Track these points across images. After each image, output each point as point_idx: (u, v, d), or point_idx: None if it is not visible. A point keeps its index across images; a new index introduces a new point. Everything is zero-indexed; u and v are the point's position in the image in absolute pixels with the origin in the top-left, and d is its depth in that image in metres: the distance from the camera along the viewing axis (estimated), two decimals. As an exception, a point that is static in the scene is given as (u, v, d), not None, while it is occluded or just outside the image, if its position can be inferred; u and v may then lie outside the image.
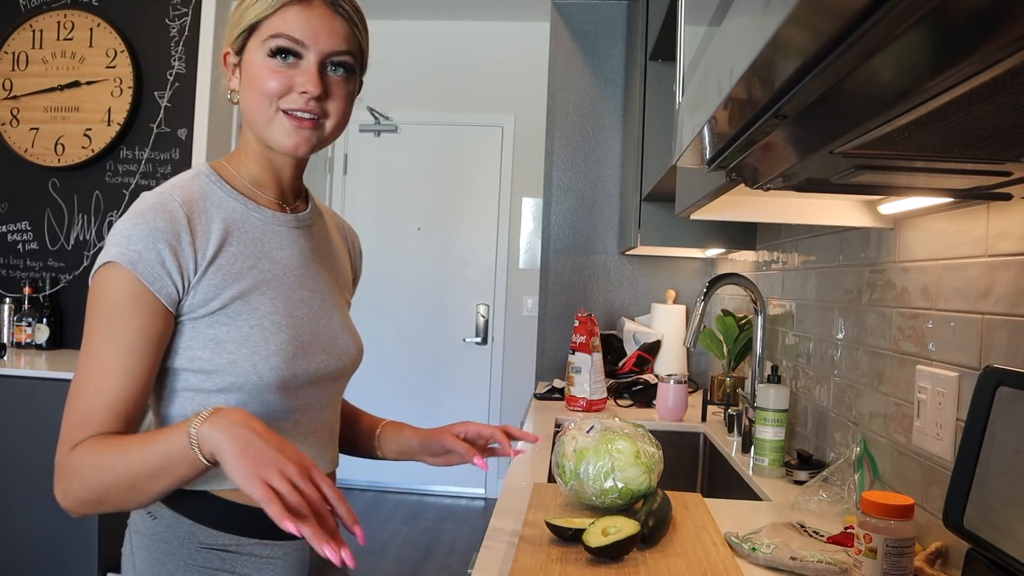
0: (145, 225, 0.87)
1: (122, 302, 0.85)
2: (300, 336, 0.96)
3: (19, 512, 2.52)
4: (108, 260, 0.86)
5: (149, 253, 0.86)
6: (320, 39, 0.90)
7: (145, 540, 0.94)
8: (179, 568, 0.92)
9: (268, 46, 0.90)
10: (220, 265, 0.91)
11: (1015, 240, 0.97)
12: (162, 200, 0.90)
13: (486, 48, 4.49)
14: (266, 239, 0.97)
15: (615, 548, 1.02)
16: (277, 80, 0.90)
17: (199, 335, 0.90)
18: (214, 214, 0.93)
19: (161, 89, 3.08)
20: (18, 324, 3.04)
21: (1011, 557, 0.81)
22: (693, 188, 1.43)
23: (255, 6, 0.91)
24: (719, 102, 0.69)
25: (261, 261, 0.96)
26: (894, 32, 0.42)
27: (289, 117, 0.91)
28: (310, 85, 0.90)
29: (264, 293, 0.94)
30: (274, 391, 0.93)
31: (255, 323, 0.92)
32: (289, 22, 0.89)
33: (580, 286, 3.01)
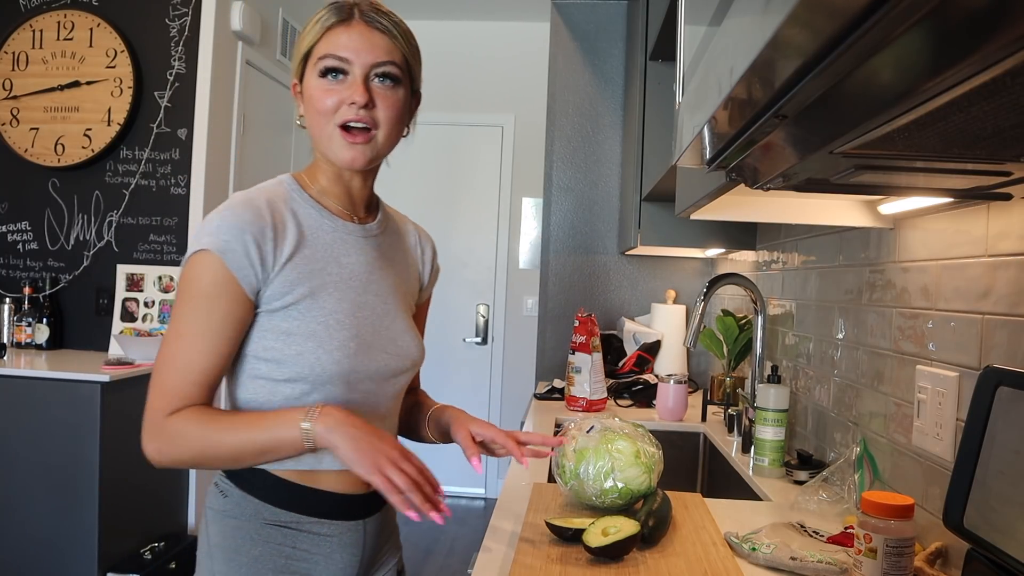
0: (235, 218, 0.96)
1: (211, 287, 0.95)
2: (362, 335, 1.04)
3: (19, 512, 2.52)
4: (200, 248, 0.95)
5: (237, 243, 0.95)
6: (362, 53, 1.00)
7: (218, 516, 1.04)
8: (246, 541, 1.02)
9: (318, 68, 1.00)
10: (295, 263, 1.00)
11: (1015, 240, 0.97)
12: (249, 197, 1.00)
13: (486, 48, 4.49)
14: (335, 245, 1.06)
15: (615, 548, 1.02)
16: (329, 97, 1.00)
17: (273, 327, 1.00)
18: (293, 217, 1.03)
19: (161, 89, 3.08)
20: (18, 324, 3.04)
21: (1011, 557, 0.81)
22: (693, 188, 1.43)
23: (307, 36, 1.02)
24: (719, 102, 0.69)
25: (330, 265, 1.04)
26: (894, 32, 0.42)
27: (344, 132, 1.01)
28: (357, 95, 0.99)
29: (331, 294, 1.03)
30: (336, 383, 1.01)
31: (321, 320, 1.01)
32: (333, 43, 1.00)
33: (580, 286, 3.01)
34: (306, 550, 1.03)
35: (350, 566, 1.07)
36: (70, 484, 2.50)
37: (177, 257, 3.08)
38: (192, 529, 3.09)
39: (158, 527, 2.87)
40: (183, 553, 2.87)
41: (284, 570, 1.02)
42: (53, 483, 2.50)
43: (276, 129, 3.80)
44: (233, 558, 1.01)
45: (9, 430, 2.53)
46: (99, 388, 2.48)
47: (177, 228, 3.09)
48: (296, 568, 1.03)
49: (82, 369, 2.56)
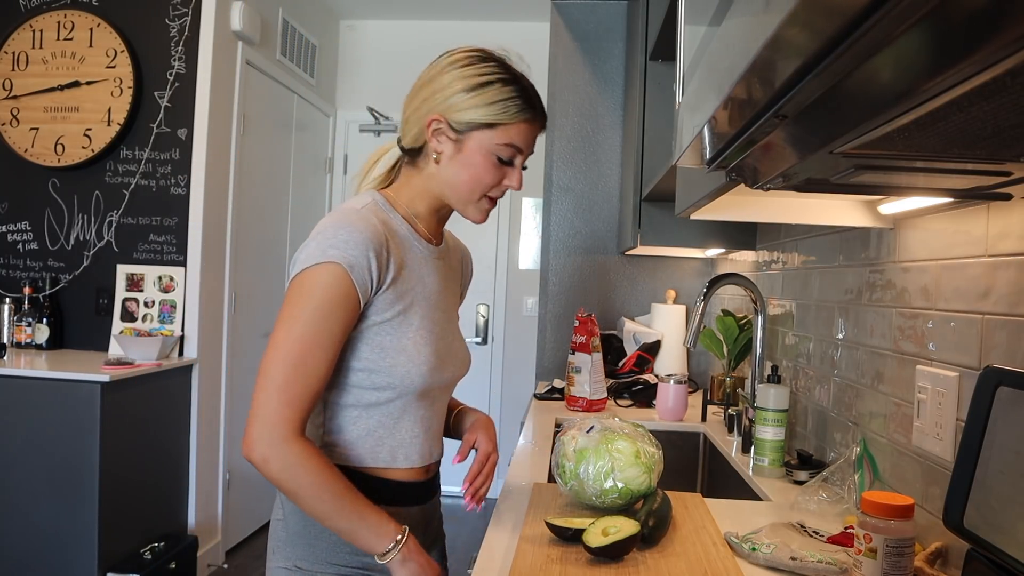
0: (360, 234, 1.01)
1: (338, 298, 1.00)
2: (439, 350, 1.13)
3: (20, 512, 2.52)
4: (330, 260, 0.99)
5: (362, 259, 1.01)
6: (531, 146, 1.11)
7: (297, 508, 1.08)
8: (324, 528, 1.07)
9: (499, 151, 1.08)
10: (398, 283, 1.07)
11: (1015, 240, 0.97)
12: (364, 216, 1.04)
13: (486, 48, 4.48)
14: (421, 266, 1.14)
15: (615, 548, 1.02)
16: (494, 177, 1.09)
17: (369, 339, 1.06)
18: (396, 239, 1.09)
19: (161, 89, 3.08)
20: (18, 324, 3.04)
21: (1011, 557, 0.81)
22: (693, 188, 1.43)
23: (494, 108, 1.06)
24: (719, 102, 0.69)
25: (417, 285, 1.12)
26: (894, 32, 0.42)
27: (488, 201, 1.12)
28: (516, 185, 1.11)
29: (417, 312, 1.10)
30: (418, 394, 1.10)
31: (411, 336, 1.08)
32: (525, 138, 1.09)
33: (580, 286, 3.01)
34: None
35: None
36: (70, 484, 2.50)
37: (177, 257, 3.08)
38: (192, 529, 3.09)
39: (158, 527, 2.87)
40: (183, 553, 2.87)
41: (357, 552, 1.09)
42: (53, 483, 2.50)
43: (276, 129, 3.80)
44: (314, 543, 1.09)
45: (9, 430, 2.53)
46: (99, 388, 2.48)
47: (177, 228, 3.09)
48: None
49: (82, 369, 2.56)
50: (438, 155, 1.10)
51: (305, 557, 1.10)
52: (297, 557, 1.10)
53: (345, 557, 1.10)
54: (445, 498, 1.33)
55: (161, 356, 2.87)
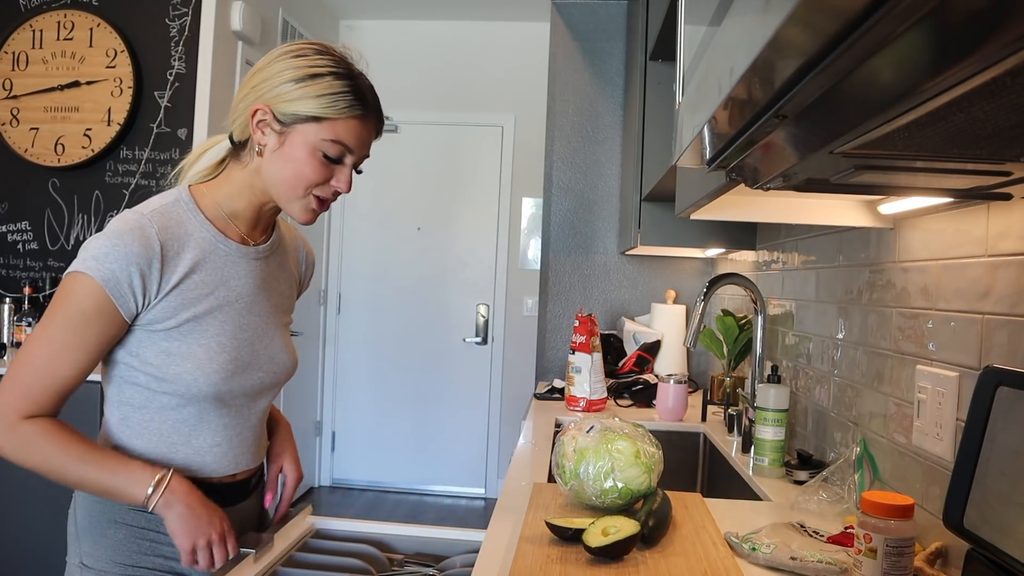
0: (123, 248, 0.98)
1: (89, 310, 0.98)
2: (241, 356, 1.09)
3: (19, 512, 2.52)
4: (84, 271, 0.97)
5: (121, 273, 0.97)
6: (363, 147, 1.07)
7: (85, 500, 1.09)
8: (110, 524, 1.07)
9: (324, 148, 1.03)
10: (182, 290, 1.04)
11: (1015, 240, 0.97)
12: (141, 225, 1.00)
13: (486, 48, 4.49)
14: (227, 269, 1.09)
15: (615, 548, 1.02)
16: (319, 174, 1.04)
17: (153, 344, 1.04)
18: (188, 244, 1.05)
19: (161, 89, 3.08)
20: (18, 324, 3.04)
21: (1011, 557, 0.81)
22: (693, 188, 1.43)
23: (321, 101, 1.01)
24: (719, 102, 0.69)
25: (219, 289, 1.08)
26: (894, 32, 0.42)
27: (316, 200, 1.06)
28: (343, 186, 1.06)
29: (216, 317, 1.07)
30: (210, 401, 1.07)
31: (203, 343, 1.05)
32: (350, 134, 1.03)
33: (580, 286, 3.01)
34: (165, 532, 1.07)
35: None
36: (70, 484, 2.50)
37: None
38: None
39: (158, 527, 2.87)
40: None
41: (149, 552, 1.08)
42: (53, 483, 2.50)
43: (276, 129, 3.79)
44: (99, 540, 1.07)
45: (9, 430, 2.53)
46: (99, 388, 2.47)
47: (177, 228, 3.09)
48: (161, 551, 1.08)
49: (82, 369, 2.56)
50: (261, 148, 1.04)
51: (90, 554, 1.07)
52: (83, 554, 1.07)
53: (132, 556, 1.07)
54: (445, 498, 1.33)
55: (161, 356, 2.87)
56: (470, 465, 4.55)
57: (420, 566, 1.22)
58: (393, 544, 1.31)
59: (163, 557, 1.08)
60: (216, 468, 1.11)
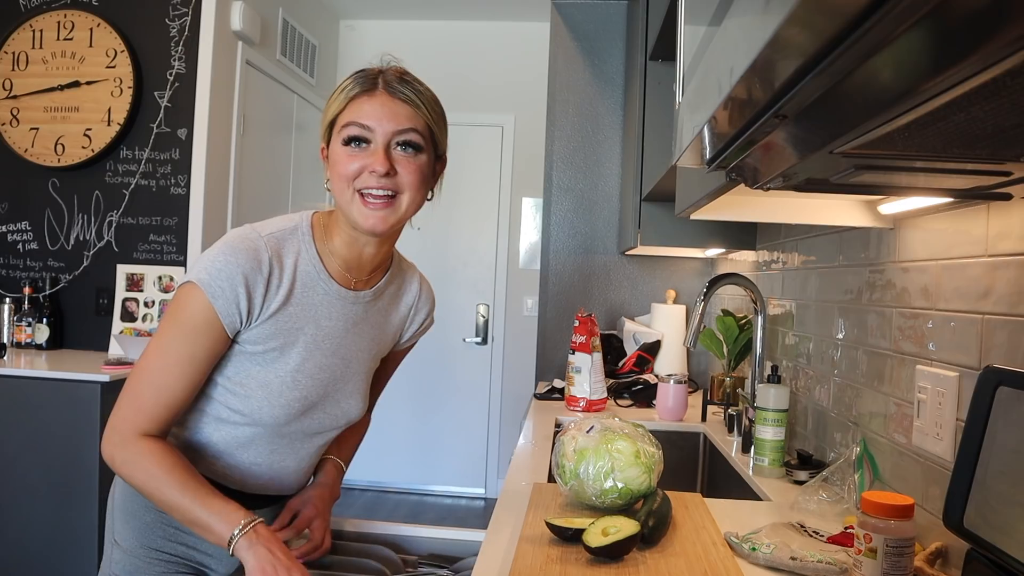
0: (236, 265, 1.00)
1: (200, 323, 1.01)
2: (310, 396, 1.11)
3: (19, 512, 2.52)
4: (195, 281, 1.00)
5: (229, 291, 1.00)
6: (384, 122, 1.03)
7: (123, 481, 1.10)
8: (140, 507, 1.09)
9: (342, 136, 1.04)
10: (277, 319, 1.06)
11: (1015, 240, 0.97)
12: (256, 246, 1.03)
13: (486, 48, 4.49)
14: (320, 307, 1.10)
15: (615, 548, 1.02)
16: (352, 164, 1.03)
17: (240, 362, 1.07)
18: (292, 272, 1.06)
19: (161, 89, 3.08)
20: (18, 324, 3.04)
21: (1011, 557, 0.81)
22: (693, 188, 1.43)
23: (333, 104, 1.06)
24: (719, 102, 0.69)
25: (308, 325, 1.09)
26: (894, 32, 0.42)
27: (363, 199, 1.03)
28: (378, 164, 1.02)
29: (299, 352, 1.08)
30: (269, 429, 1.10)
31: (280, 375, 1.07)
32: (357, 112, 1.03)
33: (580, 286, 3.01)
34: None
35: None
36: (70, 484, 2.49)
37: (177, 257, 3.08)
38: (192, 529, 3.09)
39: (158, 527, 2.86)
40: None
41: (172, 539, 1.11)
42: (53, 483, 2.50)
43: (276, 129, 3.80)
44: (129, 520, 1.10)
45: (9, 430, 2.53)
46: (99, 388, 2.48)
47: (177, 228, 3.09)
48: (183, 540, 1.12)
49: (82, 369, 2.56)
50: (328, 181, 1.08)
51: (120, 532, 1.10)
52: (116, 531, 1.11)
53: (159, 541, 1.09)
54: (445, 498, 1.32)
55: (161, 356, 2.86)
56: (470, 465, 4.55)
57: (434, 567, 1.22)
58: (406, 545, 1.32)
59: (185, 546, 1.11)
60: (246, 484, 1.13)
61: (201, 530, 1.01)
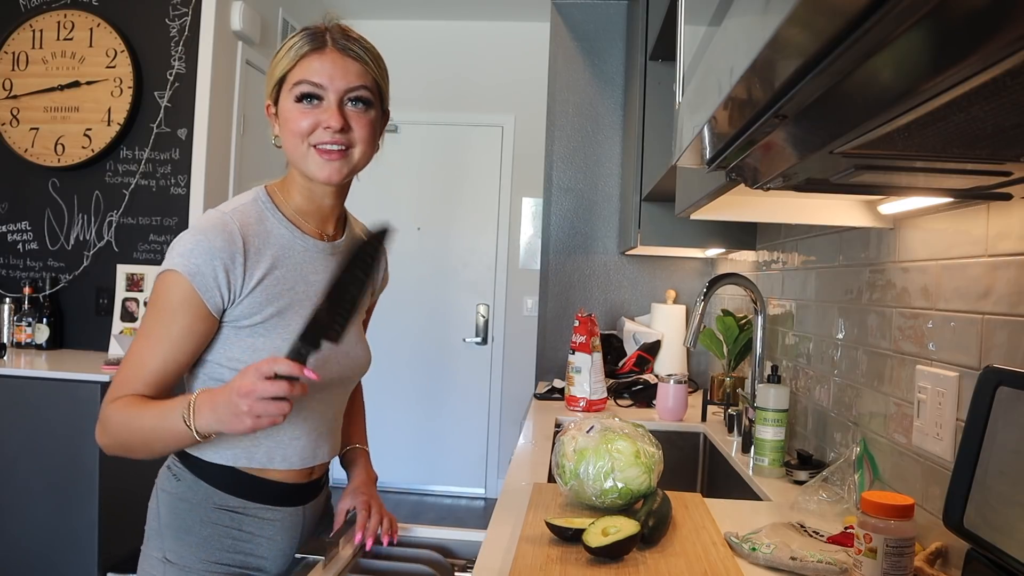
0: (207, 243, 1.01)
1: (176, 303, 1.02)
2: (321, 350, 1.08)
3: (19, 512, 2.52)
4: (171, 267, 1.02)
5: (206, 268, 1.01)
6: (336, 79, 1.05)
7: (169, 498, 1.11)
8: (196, 523, 1.09)
9: (294, 93, 1.06)
10: (265, 286, 1.06)
11: (1015, 240, 0.97)
12: (224, 221, 1.04)
13: (486, 48, 4.49)
14: (304, 264, 1.12)
15: (615, 548, 1.02)
16: (305, 120, 1.05)
17: (240, 341, 1.07)
18: (267, 241, 1.08)
19: (161, 89, 3.08)
20: (18, 324, 3.04)
21: (1011, 557, 0.81)
22: (693, 188, 1.43)
23: (281, 62, 1.07)
24: (719, 102, 0.69)
25: (298, 284, 1.10)
26: (894, 32, 0.42)
27: (319, 151, 1.06)
28: (332, 120, 1.04)
29: (297, 312, 1.09)
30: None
31: (286, 337, 1.06)
32: (308, 70, 1.05)
33: (580, 286, 3.01)
34: (251, 532, 1.12)
35: (290, 547, 1.16)
36: (70, 484, 2.49)
37: (177, 257, 3.08)
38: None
39: (158, 527, 2.86)
40: (183, 553, 2.87)
41: (231, 549, 1.10)
42: (53, 483, 2.50)
43: (276, 129, 3.79)
44: (183, 537, 1.09)
45: (9, 430, 2.53)
46: (99, 388, 2.48)
47: (177, 228, 3.09)
48: (242, 548, 1.11)
49: (82, 369, 2.56)
50: (277, 137, 1.11)
51: (174, 550, 1.09)
52: (167, 549, 1.10)
53: (216, 553, 1.09)
54: (445, 498, 1.32)
55: (161, 356, 2.87)
56: (470, 465, 4.55)
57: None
58: (455, 549, 1.32)
59: (243, 554, 1.11)
60: (296, 460, 1.14)
61: (173, 438, 0.99)
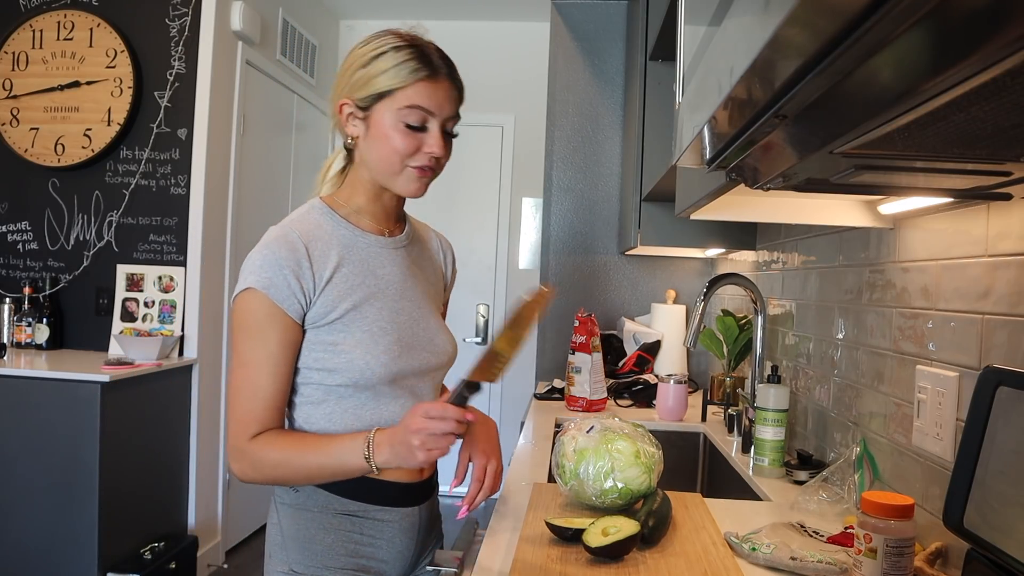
0: (272, 256, 1.05)
1: (262, 320, 1.05)
2: (404, 338, 1.13)
3: (19, 512, 2.52)
4: (246, 287, 1.05)
5: (278, 279, 1.04)
6: (443, 109, 1.10)
7: (290, 510, 1.12)
8: (319, 530, 1.11)
9: (402, 116, 1.06)
10: (335, 284, 1.09)
11: (1015, 240, 0.97)
12: (284, 233, 1.07)
13: (486, 48, 4.49)
14: (371, 259, 1.14)
15: (615, 548, 1.02)
16: (408, 144, 1.07)
17: (320, 341, 1.09)
18: (329, 243, 1.10)
19: (161, 89, 3.08)
20: (18, 324, 3.04)
21: (1011, 557, 0.81)
22: (693, 188, 1.43)
23: (388, 75, 1.06)
24: (719, 102, 0.69)
25: (368, 278, 1.12)
26: (894, 32, 0.42)
27: (416, 170, 1.09)
28: (437, 149, 1.09)
29: (372, 304, 1.11)
30: (384, 383, 1.11)
31: (366, 328, 1.09)
32: (424, 96, 1.07)
33: (580, 286, 3.01)
34: (371, 535, 1.13)
35: (408, 548, 1.17)
36: (70, 484, 2.50)
37: (177, 257, 3.08)
38: (192, 529, 3.09)
39: (158, 527, 2.87)
40: (183, 553, 2.87)
41: (354, 554, 1.12)
42: (53, 483, 2.50)
43: (276, 129, 3.79)
44: (308, 547, 1.11)
45: (9, 430, 2.53)
46: (99, 388, 2.48)
47: (177, 228, 3.09)
48: (363, 552, 1.13)
49: (82, 369, 2.56)
50: (354, 139, 1.11)
51: (300, 561, 1.11)
52: (292, 561, 1.11)
53: (341, 560, 1.10)
54: (444, 498, 1.32)
55: (161, 356, 2.87)
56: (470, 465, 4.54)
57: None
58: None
59: (365, 558, 1.12)
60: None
61: (343, 473, 1.05)
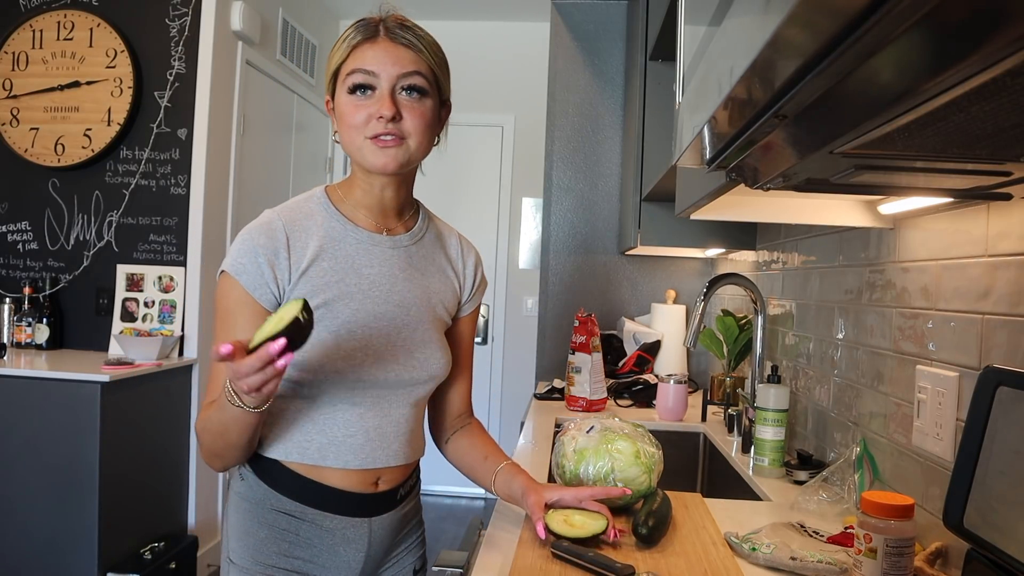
0: (251, 241, 1.04)
1: (232, 305, 1.04)
2: (374, 345, 1.08)
3: (19, 512, 2.52)
4: (222, 269, 1.05)
5: (251, 265, 1.03)
6: (387, 67, 1.03)
7: (235, 497, 1.12)
8: (254, 523, 1.10)
9: (347, 84, 1.05)
10: (310, 276, 1.06)
11: (1015, 240, 0.97)
12: (269, 219, 1.07)
13: (486, 48, 4.49)
14: (357, 257, 1.10)
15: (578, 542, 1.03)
16: (360, 113, 1.04)
17: None
18: (313, 232, 1.08)
19: (161, 89, 3.08)
20: (18, 324, 3.04)
21: (1011, 557, 0.81)
22: (693, 188, 1.43)
23: (335, 54, 1.07)
24: (719, 102, 0.69)
25: (348, 276, 1.08)
26: (894, 32, 0.42)
27: (374, 141, 1.04)
28: (384, 109, 1.02)
29: (346, 304, 1.07)
30: (341, 389, 1.07)
31: (333, 329, 1.05)
32: (359, 59, 1.04)
33: (580, 286, 3.01)
34: (308, 540, 1.10)
35: (355, 561, 1.13)
36: (70, 484, 2.50)
37: (177, 257, 3.09)
38: (192, 529, 3.09)
39: (158, 527, 2.87)
40: (183, 553, 2.87)
41: (287, 554, 1.10)
42: (53, 483, 2.50)
43: (276, 129, 3.80)
44: (243, 538, 1.10)
45: (9, 430, 2.53)
46: (99, 388, 2.48)
47: (177, 228, 3.09)
48: (299, 554, 1.10)
49: (82, 369, 2.56)
50: (336, 133, 1.09)
51: (236, 551, 1.11)
52: (231, 549, 1.12)
53: (273, 557, 1.09)
54: (445, 498, 1.32)
55: (161, 356, 2.87)
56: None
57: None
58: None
59: (300, 560, 1.10)
60: (352, 460, 1.09)
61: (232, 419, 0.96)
